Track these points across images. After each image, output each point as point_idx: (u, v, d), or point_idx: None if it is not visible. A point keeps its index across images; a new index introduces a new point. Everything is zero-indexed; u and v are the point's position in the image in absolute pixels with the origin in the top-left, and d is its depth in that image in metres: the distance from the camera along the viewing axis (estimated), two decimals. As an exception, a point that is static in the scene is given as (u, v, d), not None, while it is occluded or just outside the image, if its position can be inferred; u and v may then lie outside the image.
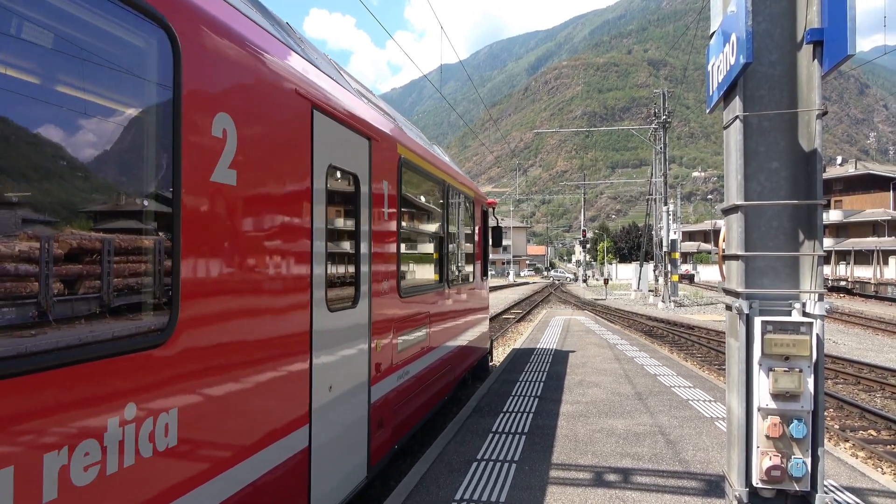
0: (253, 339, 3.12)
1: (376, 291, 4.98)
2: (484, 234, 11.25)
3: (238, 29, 3.08)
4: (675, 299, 33.87)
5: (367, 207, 4.83)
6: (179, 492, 2.52)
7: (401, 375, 5.69)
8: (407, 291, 5.92)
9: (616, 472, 5.74)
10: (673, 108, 36.62)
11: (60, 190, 2.22)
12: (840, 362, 14.18)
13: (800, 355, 3.03)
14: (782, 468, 3.05)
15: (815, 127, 3.09)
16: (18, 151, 2.02)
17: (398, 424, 5.68)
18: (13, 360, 1.82)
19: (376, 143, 5.06)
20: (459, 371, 8.89)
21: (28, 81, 2.06)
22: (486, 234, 11.45)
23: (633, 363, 12.23)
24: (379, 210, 5.11)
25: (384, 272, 5.19)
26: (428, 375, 6.84)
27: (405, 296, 5.81)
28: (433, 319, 7.06)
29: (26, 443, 1.84)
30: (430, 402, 7.04)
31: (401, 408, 5.76)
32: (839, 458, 6.18)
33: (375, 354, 4.93)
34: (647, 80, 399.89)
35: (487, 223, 11.63)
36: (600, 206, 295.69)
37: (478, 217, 10.59)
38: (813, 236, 3.12)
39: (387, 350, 5.24)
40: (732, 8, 3.16)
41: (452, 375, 8.30)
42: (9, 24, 1.93)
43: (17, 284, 1.91)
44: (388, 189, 5.36)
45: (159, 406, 2.40)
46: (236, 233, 2.97)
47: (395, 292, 5.50)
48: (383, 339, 5.15)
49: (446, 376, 7.92)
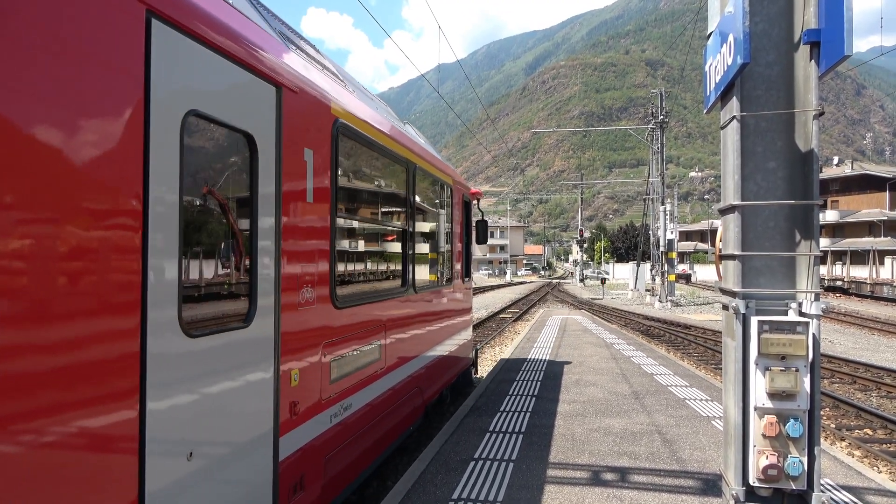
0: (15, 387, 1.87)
1: (291, 303, 3.64)
2: (466, 228, 9.62)
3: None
4: (671, 299, 33.92)
5: (273, 184, 3.43)
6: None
7: (337, 412, 4.35)
8: (347, 300, 4.61)
9: (613, 471, 5.75)
10: (670, 108, 36.67)
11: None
12: (836, 362, 14.22)
13: (796, 355, 3.04)
14: (779, 467, 3.06)
15: (812, 127, 3.10)
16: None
17: (335, 477, 4.31)
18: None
19: (292, 95, 3.66)
20: (433, 390, 7.46)
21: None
22: (468, 228, 9.85)
23: (630, 362, 12.25)
24: (296, 189, 3.72)
25: (306, 276, 3.84)
26: (385, 404, 5.46)
27: (344, 305, 4.47)
28: (392, 333, 5.68)
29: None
30: (389, 435, 5.64)
31: (339, 454, 4.39)
32: (835, 457, 6.20)
33: (289, 391, 3.59)
34: (645, 81, 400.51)
35: (470, 216, 10.08)
36: (598, 206, 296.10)
37: (458, 208, 8.93)
38: (809, 236, 3.14)
39: (311, 381, 3.90)
40: (730, 8, 3.18)
41: (422, 398, 6.90)
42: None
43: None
44: (314, 162, 3.95)
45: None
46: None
47: (326, 302, 4.15)
48: (305, 366, 3.82)
49: (413, 400, 6.49)
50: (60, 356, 2.00)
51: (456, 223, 8.82)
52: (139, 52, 2.37)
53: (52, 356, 1.98)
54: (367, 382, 4.97)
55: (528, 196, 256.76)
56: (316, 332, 4.01)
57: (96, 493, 2.16)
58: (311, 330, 3.93)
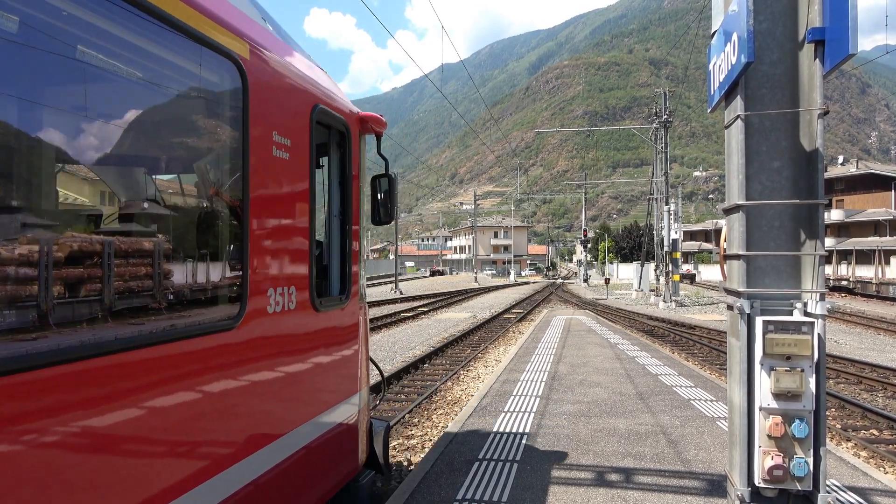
0: None
1: None
2: (344, 192, 4.23)
3: None
4: (676, 299, 33.84)
5: None
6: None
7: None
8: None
9: (618, 471, 5.73)
10: (674, 107, 36.61)
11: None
12: (842, 362, 14.16)
13: (801, 355, 3.03)
14: (784, 468, 3.05)
15: (817, 126, 3.08)
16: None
17: None
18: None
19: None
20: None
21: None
22: (344, 191, 4.23)
23: (634, 363, 12.22)
24: None
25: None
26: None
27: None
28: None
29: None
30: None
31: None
32: (841, 458, 6.17)
33: None
34: (649, 80, 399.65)
35: (358, 167, 4.43)
36: (601, 206, 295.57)
37: (336, 155, 4.26)
38: (814, 236, 3.12)
39: None
40: (734, 7, 3.16)
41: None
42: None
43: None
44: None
45: None
46: None
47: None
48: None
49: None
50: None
51: (335, 185, 4.22)
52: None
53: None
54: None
55: (532, 196, 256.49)
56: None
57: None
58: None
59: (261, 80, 3.01)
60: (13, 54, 1.95)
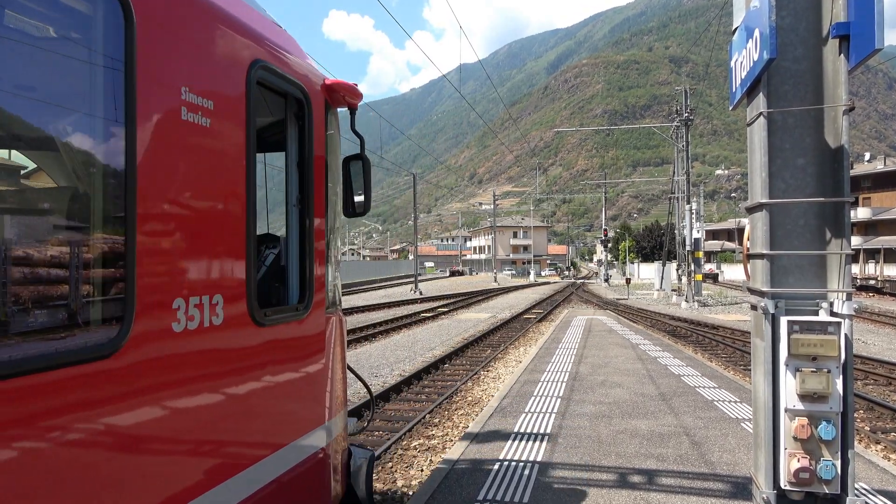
0: None
1: None
2: (299, 173, 3.14)
3: None
4: (698, 299, 33.45)
5: None
6: None
7: None
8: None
9: (640, 473, 5.68)
10: (695, 105, 36.22)
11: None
12: (870, 363, 13.87)
13: (827, 356, 2.97)
14: (811, 470, 3.00)
15: (842, 123, 3.03)
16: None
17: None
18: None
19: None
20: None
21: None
22: (302, 173, 3.14)
23: (656, 363, 12.10)
24: None
25: None
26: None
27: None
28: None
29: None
30: None
31: None
32: (870, 461, 6.05)
33: None
34: (669, 78, 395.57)
35: (324, 146, 3.34)
36: (622, 205, 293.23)
37: (293, 130, 3.16)
38: (840, 234, 3.07)
39: None
40: (755, 3, 3.12)
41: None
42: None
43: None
44: None
45: None
46: None
47: None
48: None
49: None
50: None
51: (292, 168, 3.24)
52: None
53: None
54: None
55: (552, 196, 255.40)
56: None
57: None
58: None
59: (156, 15, 2.13)
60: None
